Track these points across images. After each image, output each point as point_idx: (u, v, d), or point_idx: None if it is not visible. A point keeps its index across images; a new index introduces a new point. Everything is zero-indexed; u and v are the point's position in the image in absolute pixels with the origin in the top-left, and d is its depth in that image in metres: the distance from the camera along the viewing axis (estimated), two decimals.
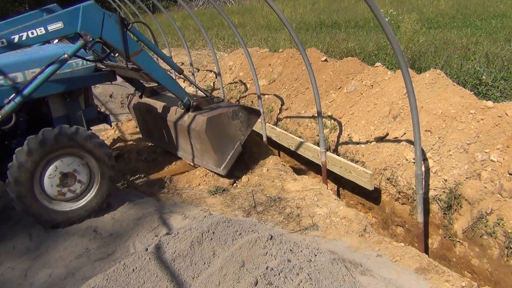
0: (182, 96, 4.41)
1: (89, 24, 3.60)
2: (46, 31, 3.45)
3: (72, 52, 3.59)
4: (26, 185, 3.48)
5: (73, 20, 3.54)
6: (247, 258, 2.88)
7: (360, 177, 4.38)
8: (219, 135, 4.36)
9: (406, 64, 3.13)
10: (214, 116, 4.28)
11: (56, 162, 3.63)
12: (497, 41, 8.47)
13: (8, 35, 3.33)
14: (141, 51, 3.99)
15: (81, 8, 3.54)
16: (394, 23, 10.89)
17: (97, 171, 3.82)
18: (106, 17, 3.68)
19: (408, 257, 3.19)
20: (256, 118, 4.64)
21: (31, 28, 3.40)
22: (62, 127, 3.61)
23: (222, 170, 4.49)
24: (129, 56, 3.90)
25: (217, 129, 4.32)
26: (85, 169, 3.78)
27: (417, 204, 3.55)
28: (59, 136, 3.56)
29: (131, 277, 2.81)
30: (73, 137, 3.63)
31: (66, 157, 3.67)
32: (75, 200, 3.78)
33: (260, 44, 12.01)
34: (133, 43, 3.93)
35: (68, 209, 3.73)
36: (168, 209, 4.00)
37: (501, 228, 3.35)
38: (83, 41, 3.59)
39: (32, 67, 3.81)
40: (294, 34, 4.30)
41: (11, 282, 3.09)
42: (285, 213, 3.95)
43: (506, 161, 3.61)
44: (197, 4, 27.43)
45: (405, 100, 4.99)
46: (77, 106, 4.28)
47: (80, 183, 3.76)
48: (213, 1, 6.54)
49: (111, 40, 3.77)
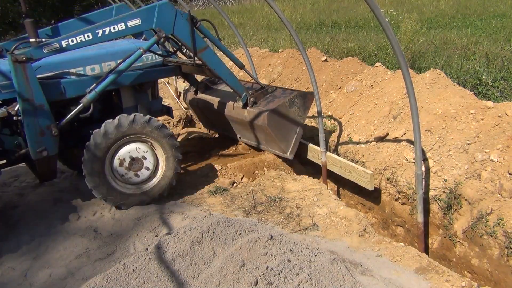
0: (241, 91, 4.67)
1: (163, 21, 3.88)
2: (126, 27, 3.75)
3: (147, 46, 3.91)
4: (99, 164, 3.75)
5: (149, 17, 3.82)
6: (247, 258, 2.88)
7: (360, 177, 4.38)
8: (281, 125, 4.63)
9: (406, 64, 3.13)
10: (274, 109, 4.51)
11: (127, 146, 3.88)
12: (497, 41, 8.46)
13: (93, 29, 3.63)
14: (207, 48, 4.26)
15: (157, 6, 3.82)
16: (394, 23, 10.89)
17: (163, 160, 4.04)
18: (178, 15, 3.95)
19: (408, 257, 3.19)
20: (312, 99, 4.79)
21: (114, 23, 3.71)
22: (136, 115, 3.87)
23: (289, 155, 4.82)
24: (196, 52, 4.15)
25: (278, 121, 4.57)
26: (152, 157, 4.01)
27: (417, 204, 3.55)
28: (133, 123, 3.83)
29: (131, 277, 2.81)
30: (145, 125, 3.87)
31: (137, 143, 3.93)
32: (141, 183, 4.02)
33: (260, 44, 12.01)
34: (200, 40, 4.19)
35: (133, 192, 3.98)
36: (168, 209, 4.00)
37: (501, 228, 3.35)
38: (157, 37, 3.88)
39: (108, 60, 4.14)
40: (294, 34, 4.30)
41: (11, 282, 3.09)
42: (285, 213, 3.95)
43: (506, 161, 3.61)
44: (197, 4, 27.42)
45: (405, 100, 4.99)
46: (146, 98, 4.59)
47: (146, 169, 4.00)
48: (213, 1, 6.53)
49: (182, 36, 4.04)
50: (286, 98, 4.63)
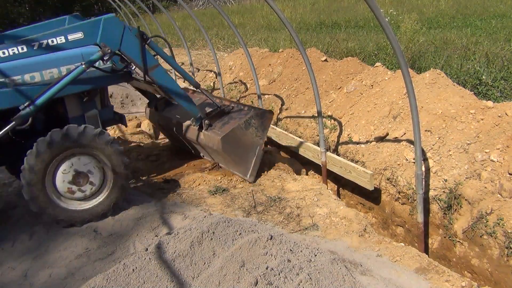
0: (195, 113, 4.44)
1: (109, 37, 3.65)
2: (66, 40, 3.51)
3: (90, 62, 3.62)
4: (39, 175, 3.50)
5: (93, 32, 3.60)
6: (247, 258, 2.88)
7: (360, 177, 4.38)
8: (237, 148, 4.39)
9: (406, 64, 3.13)
10: (227, 134, 4.27)
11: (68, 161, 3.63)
12: (497, 41, 8.47)
13: (29, 41, 3.37)
14: (157, 66, 4.03)
15: (102, 20, 3.60)
16: (394, 23, 10.89)
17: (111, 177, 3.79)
18: (126, 30, 3.73)
19: (408, 257, 3.19)
20: (270, 119, 4.60)
21: (52, 36, 3.46)
22: (87, 128, 3.63)
23: (249, 178, 4.56)
24: (147, 71, 3.93)
25: (233, 144, 4.34)
26: (99, 172, 3.77)
27: (417, 204, 3.55)
28: (82, 135, 3.58)
29: (131, 277, 2.81)
30: (95, 138, 3.63)
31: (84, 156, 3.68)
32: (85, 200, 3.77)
33: (260, 44, 12.01)
34: (150, 58, 3.96)
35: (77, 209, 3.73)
36: (168, 209, 4.00)
37: (501, 228, 3.35)
38: (101, 52, 3.62)
39: (50, 67, 3.75)
40: (294, 34, 4.29)
41: (11, 282, 3.09)
42: (285, 213, 3.95)
43: (506, 161, 3.61)
44: (197, 4, 27.43)
45: (405, 100, 4.99)
46: (93, 106, 4.28)
47: (91, 184, 3.76)
48: (213, 1, 6.53)
49: (130, 53, 3.82)
50: (242, 120, 4.36)
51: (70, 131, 3.57)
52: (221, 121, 4.52)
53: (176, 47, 14.68)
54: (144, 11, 14.48)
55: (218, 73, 7.72)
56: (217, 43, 14.26)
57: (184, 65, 11.37)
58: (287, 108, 6.76)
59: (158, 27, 10.78)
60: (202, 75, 10.43)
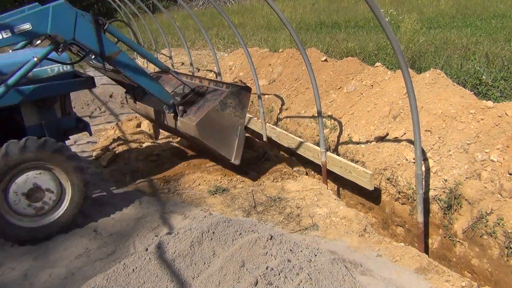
0: (167, 100, 4.17)
1: (60, 25, 3.32)
2: (12, 33, 3.15)
3: (42, 55, 3.34)
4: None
5: (42, 21, 3.24)
6: (247, 258, 2.88)
7: (360, 177, 4.38)
8: (216, 131, 4.13)
9: (406, 64, 3.13)
10: (202, 118, 4.01)
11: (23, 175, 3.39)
12: (497, 41, 8.47)
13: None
14: (119, 53, 3.72)
15: (51, 8, 3.26)
16: (394, 23, 10.90)
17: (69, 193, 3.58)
18: (79, 17, 3.41)
19: (408, 257, 3.19)
20: (248, 95, 4.28)
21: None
22: (48, 141, 3.41)
23: (234, 160, 4.33)
24: (105, 58, 3.63)
25: (211, 128, 4.08)
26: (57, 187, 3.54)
27: (417, 204, 3.55)
28: (24, 149, 3.30)
29: (131, 277, 2.81)
30: (53, 152, 3.41)
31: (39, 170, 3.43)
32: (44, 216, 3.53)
33: (260, 44, 12.01)
34: (109, 44, 3.66)
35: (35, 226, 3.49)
36: (168, 209, 4.00)
37: (501, 228, 3.35)
38: (53, 44, 3.34)
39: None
40: (294, 34, 4.29)
41: (11, 282, 3.09)
42: (285, 213, 3.95)
43: (506, 161, 3.61)
44: (197, 4, 27.43)
45: (405, 100, 4.99)
46: (52, 115, 4.01)
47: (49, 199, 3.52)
48: (213, 1, 6.53)
49: (85, 41, 3.50)
50: (217, 101, 4.08)
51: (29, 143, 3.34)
52: (197, 105, 4.24)
53: (176, 47, 14.69)
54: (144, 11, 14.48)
55: (218, 73, 7.72)
56: (217, 43, 14.27)
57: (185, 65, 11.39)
58: (287, 108, 6.76)
59: (158, 27, 10.78)
60: (202, 75, 10.43)
